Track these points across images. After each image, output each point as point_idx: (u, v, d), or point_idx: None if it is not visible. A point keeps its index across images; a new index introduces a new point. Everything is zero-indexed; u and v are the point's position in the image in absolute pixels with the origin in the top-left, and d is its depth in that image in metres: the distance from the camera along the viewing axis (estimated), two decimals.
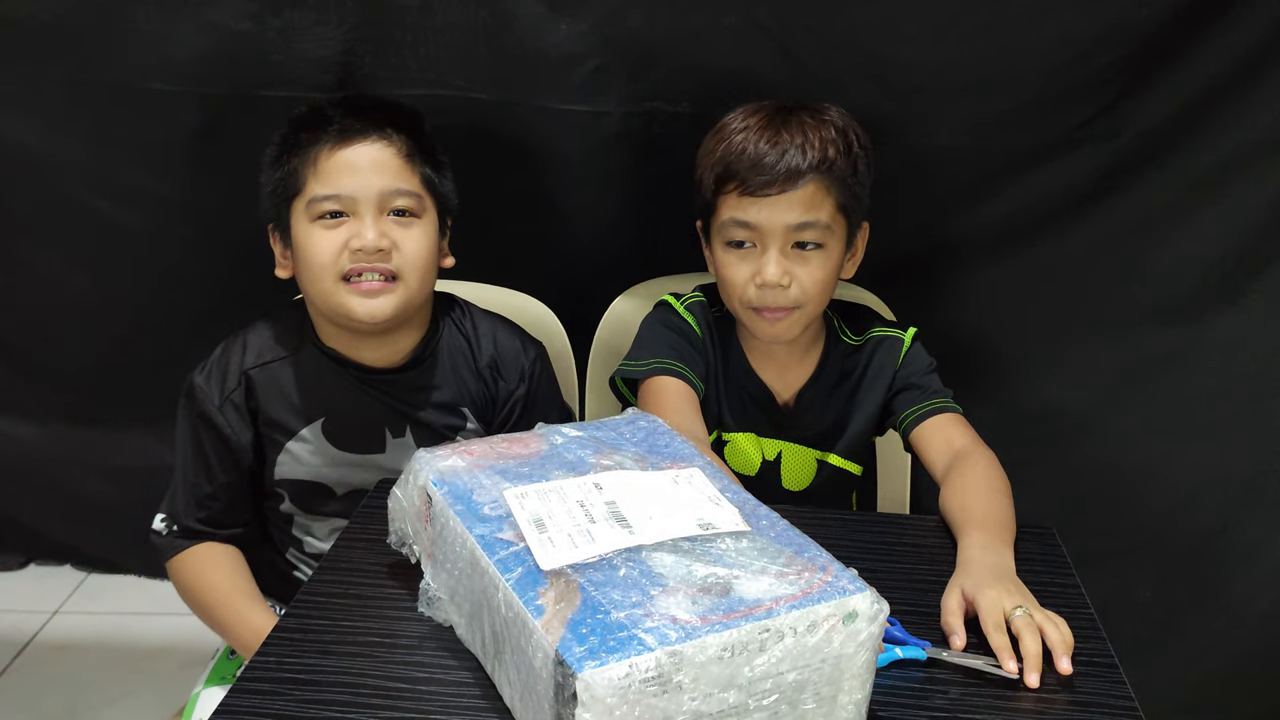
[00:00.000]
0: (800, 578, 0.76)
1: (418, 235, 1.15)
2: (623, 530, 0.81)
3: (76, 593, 2.10)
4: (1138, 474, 1.43)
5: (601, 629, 0.71)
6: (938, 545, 1.05)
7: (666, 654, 0.69)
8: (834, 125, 1.14)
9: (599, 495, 0.86)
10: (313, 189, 1.12)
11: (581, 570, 0.77)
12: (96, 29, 1.23)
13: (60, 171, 1.33)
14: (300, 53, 1.24)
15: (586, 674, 0.67)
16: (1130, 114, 1.24)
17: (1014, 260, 1.35)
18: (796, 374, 1.25)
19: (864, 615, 0.74)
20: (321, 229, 1.12)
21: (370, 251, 1.11)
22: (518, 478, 0.89)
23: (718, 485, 0.89)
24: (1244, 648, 1.48)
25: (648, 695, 0.69)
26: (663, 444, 0.97)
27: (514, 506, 0.84)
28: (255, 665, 0.86)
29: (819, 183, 1.11)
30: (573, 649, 0.69)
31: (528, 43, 1.24)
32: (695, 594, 0.74)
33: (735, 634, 0.71)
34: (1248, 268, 1.32)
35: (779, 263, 1.12)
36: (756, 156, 1.11)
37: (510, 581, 0.77)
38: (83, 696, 1.84)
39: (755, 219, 1.12)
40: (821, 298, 1.16)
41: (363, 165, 1.12)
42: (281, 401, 1.19)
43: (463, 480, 0.88)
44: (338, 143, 1.12)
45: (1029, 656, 0.85)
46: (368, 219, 1.12)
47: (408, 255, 1.14)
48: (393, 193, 1.13)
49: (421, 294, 1.17)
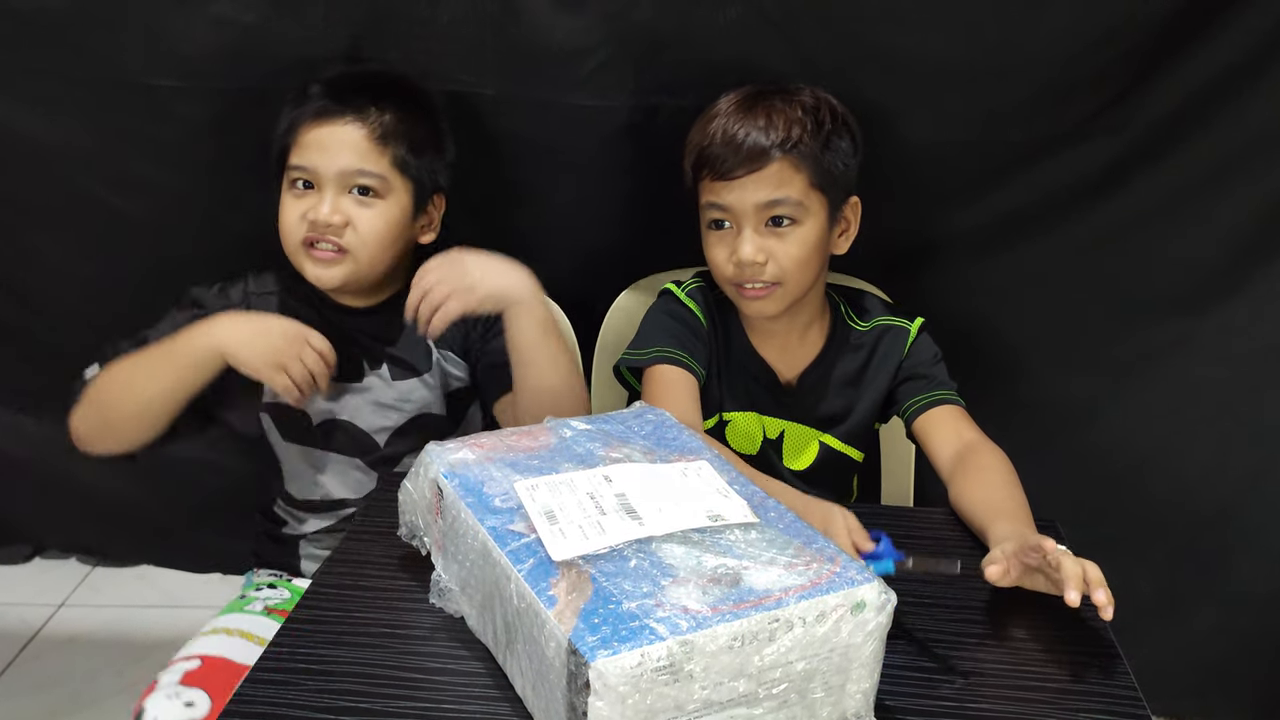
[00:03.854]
0: (809, 568, 0.77)
1: (375, 215, 1.21)
2: (633, 522, 0.82)
3: (82, 586, 2.10)
4: (1141, 463, 1.44)
5: (614, 619, 0.72)
6: (946, 537, 1.06)
7: (678, 643, 0.70)
8: (802, 105, 1.17)
9: (609, 487, 0.87)
10: (292, 159, 1.21)
11: (593, 561, 0.78)
12: (105, 23, 1.24)
13: (69, 164, 1.33)
14: (308, 47, 1.24)
15: (600, 662, 0.68)
16: (1136, 107, 1.25)
17: (1019, 251, 1.36)
18: (799, 354, 1.27)
19: (872, 605, 0.75)
20: (292, 197, 1.22)
21: (322, 225, 1.19)
22: (528, 470, 0.90)
23: (726, 477, 0.90)
24: (1247, 635, 1.49)
25: (659, 684, 0.70)
26: (671, 436, 0.98)
27: (525, 499, 0.85)
28: (269, 655, 0.87)
29: (786, 161, 1.14)
30: (585, 638, 0.70)
31: (534, 37, 1.24)
32: (705, 584, 0.75)
33: (745, 624, 0.72)
34: (1251, 259, 1.32)
35: (753, 241, 1.16)
36: (725, 141, 1.15)
37: (523, 572, 0.77)
38: (88, 689, 1.84)
39: (727, 201, 1.16)
40: (800, 274, 1.18)
41: (330, 144, 1.19)
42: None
43: (473, 473, 0.89)
44: (314, 120, 1.20)
45: (1071, 577, 0.87)
46: (328, 194, 1.20)
47: (361, 233, 1.21)
48: (354, 172, 1.20)
49: (374, 268, 1.24)
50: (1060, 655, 0.88)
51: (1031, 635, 0.91)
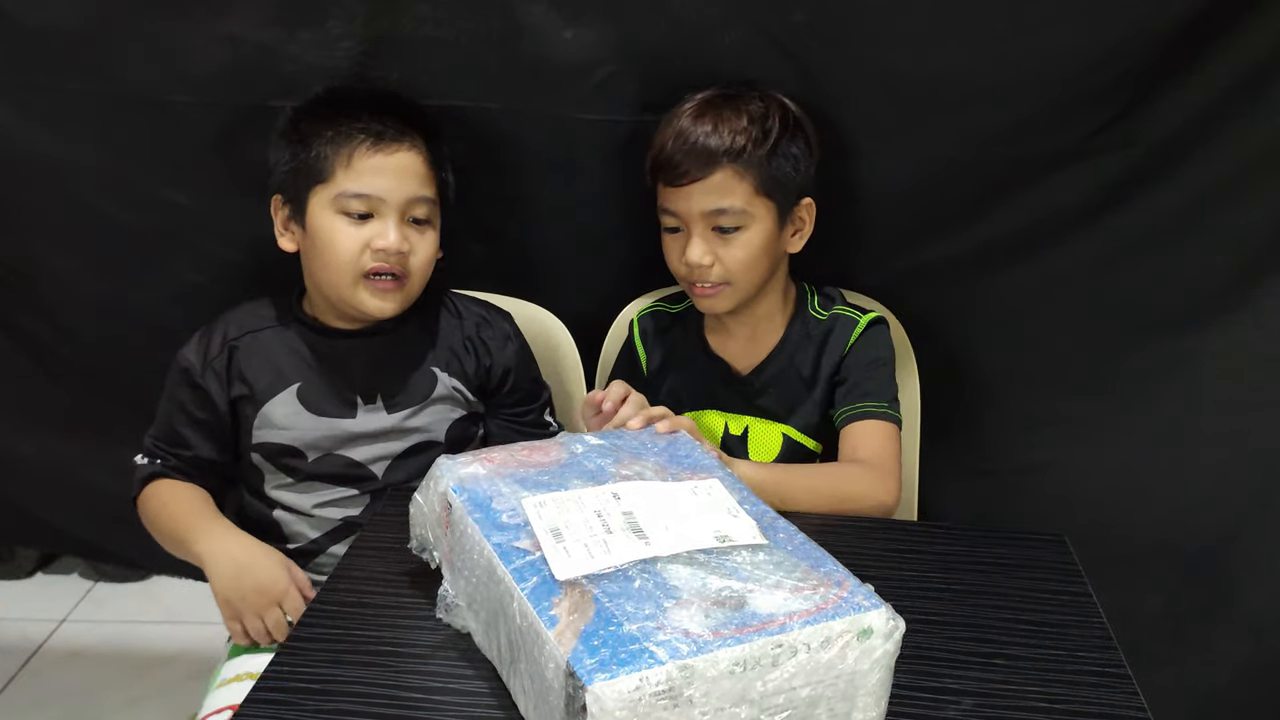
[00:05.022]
0: (815, 592, 0.76)
1: (427, 243, 1.22)
2: (639, 541, 0.81)
3: (84, 601, 2.10)
4: (1147, 482, 1.43)
5: (613, 641, 0.71)
6: (950, 552, 1.05)
7: (677, 667, 0.69)
8: (749, 114, 1.19)
9: (616, 505, 0.86)
10: (343, 183, 1.17)
11: (596, 581, 0.77)
12: (114, 39, 1.24)
13: (79, 179, 1.34)
14: (314, 63, 1.24)
15: (596, 686, 0.67)
16: (1141, 125, 1.24)
17: (1024, 269, 1.35)
18: (758, 348, 1.31)
19: (879, 632, 0.74)
20: (346, 224, 1.18)
21: (391, 253, 1.17)
22: (537, 486, 0.89)
23: (736, 497, 0.89)
24: (1256, 656, 1.48)
25: (658, 709, 0.69)
26: (683, 454, 0.97)
27: (532, 515, 0.84)
28: (269, 675, 0.86)
29: (730, 170, 1.17)
30: (584, 661, 0.69)
31: (539, 52, 1.24)
32: (709, 607, 0.74)
33: (748, 649, 0.71)
34: (1254, 277, 1.32)
35: (699, 245, 1.20)
36: (673, 150, 1.19)
37: (525, 590, 0.77)
38: (89, 705, 1.84)
39: (676, 207, 1.21)
40: (747, 275, 1.22)
41: (393, 170, 1.18)
42: (261, 366, 1.24)
43: (482, 488, 0.89)
44: (375, 144, 1.17)
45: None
46: (391, 221, 1.18)
47: (419, 259, 1.21)
48: (417, 200, 1.19)
49: (416, 296, 1.24)
50: (1069, 676, 0.87)
51: (1040, 655, 0.90)
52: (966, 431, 1.44)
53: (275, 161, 1.22)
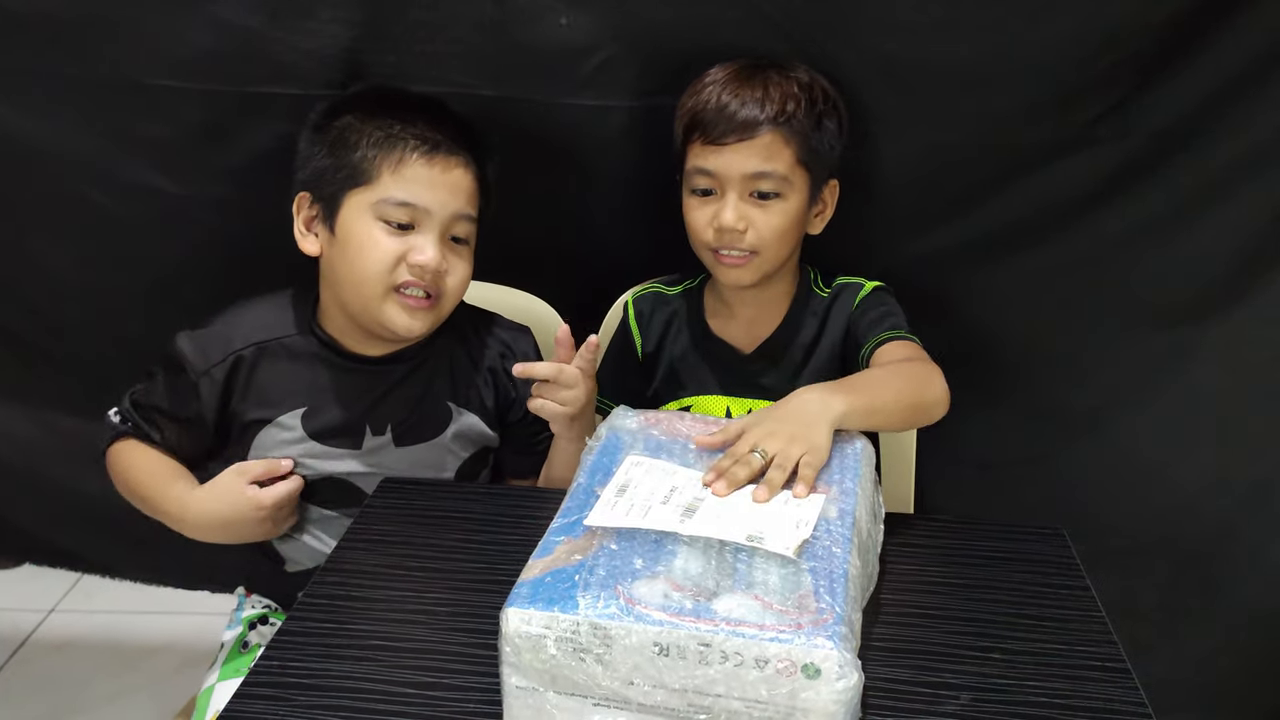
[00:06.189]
0: (787, 615, 0.74)
1: (465, 263, 1.16)
2: (680, 518, 0.83)
3: (73, 591, 2.09)
4: (1146, 474, 1.43)
5: (561, 582, 0.75)
6: (948, 546, 1.05)
7: (589, 624, 0.72)
8: (798, 81, 1.17)
9: (693, 487, 0.89)
10: (389, 189, 1.10)
11: (613, 535, 0.81)
12: (102, 24, 1.22)
13: (66, 166, 1.31)
14: (306, 49, 1.22)
15: (510, 610, 0.74)
16: (1140, 113, 1.23)
17: (1022, 259, 1.34)
18: (762, 327, 1.29)
19: (827, 675, 0.71)
20: (384, 232, 1.11)
21: (429, 270, 1.11)
22: (660, 452, 0.95)
23: (817, 511, 0.87)
24: (1254, 648, 1.48)
25: (567, 655, 0.73)
26: (835, 465, 0.96)
27: (622, 469, 0.91)
28: (259, 669, 0.85)
29: (777, 134, 1.15)
30: (523, 590, 0.76)
31: (533, 37, 1.22)
32: (675, 588, 0.75)
33: (669, 634, 0.72)
34: (1256, 267, 1.31)
35: (736, 208, 1.17)
36: (719, 107, 1.15)
37: (556, 524, 0.85)
38: (79, 696, 1.83)
39: (715, 166, 1.16)
40: (778, 246, 1.19)
41: (445, 184, 1.12)
42: (266, 385, 1.18)
43: (622, 438, 0.98)
44: (429, 154, 1.11)
45: (734, 482, 0.90)
46: (432, 236, 1.12)
47: (454, 280, 1.15)
48: (461, 217, 1.14)
49: (448, 314, 1.18)
50: (1068, 670, 0.86)
51: (1039, 649, 0.89)
52: (965, 424, 1.42)
53: (306, 156, 1.15)
